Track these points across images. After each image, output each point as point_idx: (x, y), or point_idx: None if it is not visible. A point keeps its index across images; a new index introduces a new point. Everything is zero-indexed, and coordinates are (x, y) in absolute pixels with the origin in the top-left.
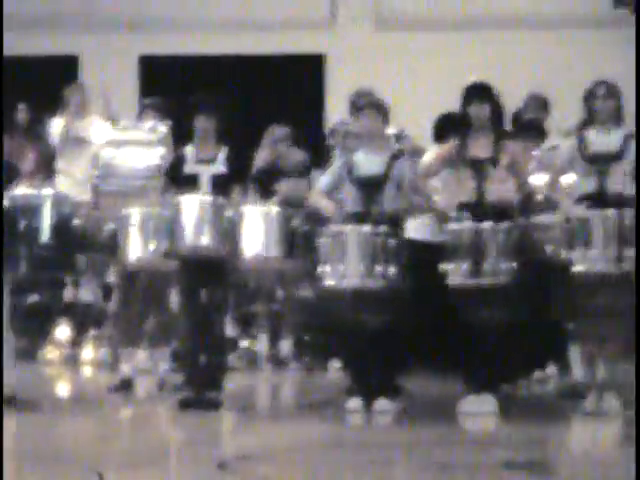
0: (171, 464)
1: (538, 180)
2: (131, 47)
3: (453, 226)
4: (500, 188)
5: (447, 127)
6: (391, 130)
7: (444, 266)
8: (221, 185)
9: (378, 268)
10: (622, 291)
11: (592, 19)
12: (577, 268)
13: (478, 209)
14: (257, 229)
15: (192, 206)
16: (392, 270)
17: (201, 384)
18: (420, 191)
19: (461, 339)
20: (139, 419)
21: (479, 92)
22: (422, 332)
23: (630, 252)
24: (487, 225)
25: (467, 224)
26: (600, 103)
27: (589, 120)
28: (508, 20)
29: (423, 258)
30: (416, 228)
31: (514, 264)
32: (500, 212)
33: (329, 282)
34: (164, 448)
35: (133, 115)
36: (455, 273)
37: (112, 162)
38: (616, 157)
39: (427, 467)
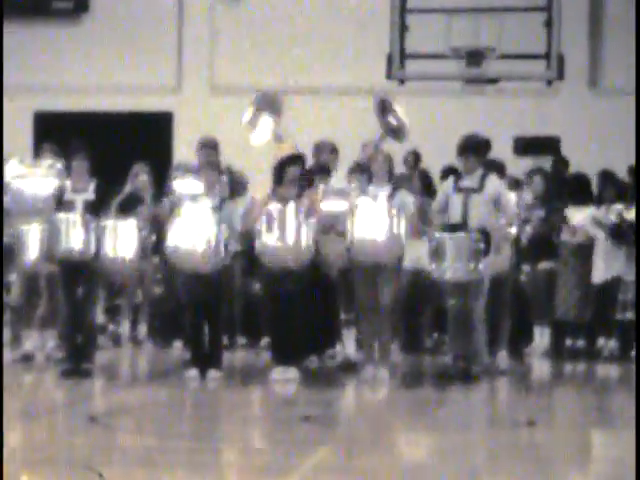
0: (56, 417)
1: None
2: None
3: None
4: None
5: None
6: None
7: None
8: (91, 208)
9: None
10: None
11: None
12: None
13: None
14: (122, 240)
15: (68, 222)
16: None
17: (78, 358)
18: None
19: (271, 324)
20: (34, 383)
21: (295, 159)
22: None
23: None
24: None
25: None
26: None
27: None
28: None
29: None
30: None
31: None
32: None
33: None
34: (51, 405)
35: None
36: None
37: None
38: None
39: (244, 420)
